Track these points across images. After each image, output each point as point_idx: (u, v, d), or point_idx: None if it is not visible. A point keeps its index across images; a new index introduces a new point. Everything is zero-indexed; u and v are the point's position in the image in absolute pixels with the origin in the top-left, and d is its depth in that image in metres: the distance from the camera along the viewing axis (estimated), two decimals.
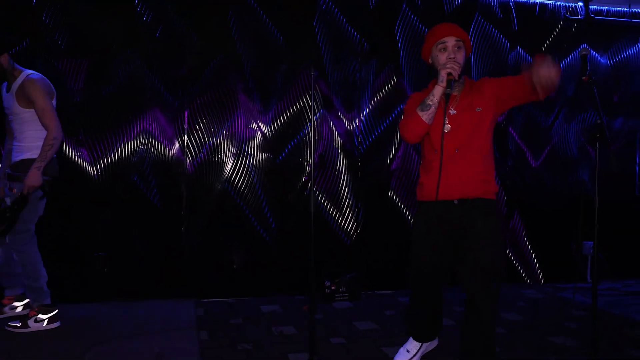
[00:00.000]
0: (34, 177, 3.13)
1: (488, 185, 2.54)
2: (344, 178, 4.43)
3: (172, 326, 3.47)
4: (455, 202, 2.53)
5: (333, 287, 4.18)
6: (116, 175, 4.02)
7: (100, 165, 3.99)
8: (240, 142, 4.22)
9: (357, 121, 4.44)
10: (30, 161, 3.19)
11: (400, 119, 4.50)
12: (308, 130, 4.33)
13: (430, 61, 2.62)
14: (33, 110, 3.20)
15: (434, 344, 2.96)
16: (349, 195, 4.43)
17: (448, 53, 2.49)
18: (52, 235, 3.83)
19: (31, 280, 3.29)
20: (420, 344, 2.85)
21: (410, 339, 2.88)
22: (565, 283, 4.78)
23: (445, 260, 2.59)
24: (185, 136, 4.13)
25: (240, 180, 4.23)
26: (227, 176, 4.20)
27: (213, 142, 4.18)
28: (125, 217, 4.04)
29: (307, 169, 4.34)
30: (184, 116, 4.12)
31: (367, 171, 4.47)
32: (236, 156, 4.21)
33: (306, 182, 4.34)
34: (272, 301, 4.14)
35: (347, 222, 4.44)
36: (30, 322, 3.27)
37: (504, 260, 2.28)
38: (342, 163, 4.42)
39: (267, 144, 4.28)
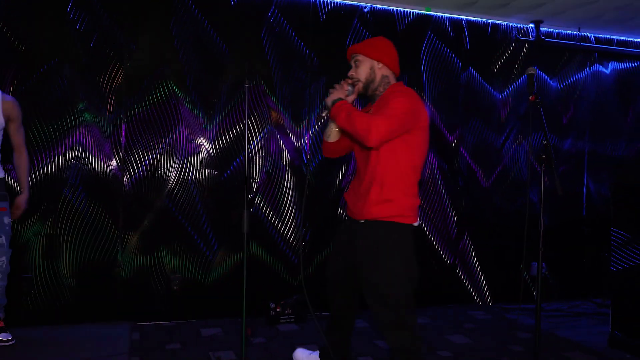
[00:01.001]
0: None
1: (385, 206, 2.49)
2: (291, 195, 4.30)
3: (103, 352, 3.27)
4: (362, 221, 2.56)
5: (278, 309, 4.04)
6: (46, 190, 3.78)
7: (30, 181, 3.74)
8: (183, 158, 4.05)
9: (306, 138, 4.33)
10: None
11: None
12: (254, 147, 4.19)
13: None
14: None
15: None
16: (295, 214, 4.31)
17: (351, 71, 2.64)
18: None
19: None
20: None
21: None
22: (513, 304, 4.76)
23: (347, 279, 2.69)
24: (122, 151, 3.92)
25: (182, 198, 4.05)
26: (168, 193, 4.02)
27: (153, 157, 3.99)
28: (55, 235, 3.80)
29: (254, 185, 4.20)
30: (121, 129, 3.92)
31: (316, 189, 4.35)
32: (178, 172, 4.04)
33: (253, 199, 4.19)
34: (214, 324, 3.96)
35: (295, 241, 4.31)
36: None
37: (400, 286, 2.44)
38: (290, 180, 4.30)
39: (211, 160, 4.12)
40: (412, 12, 4.60)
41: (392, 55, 2.61)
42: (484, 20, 4.84)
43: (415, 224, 2.56)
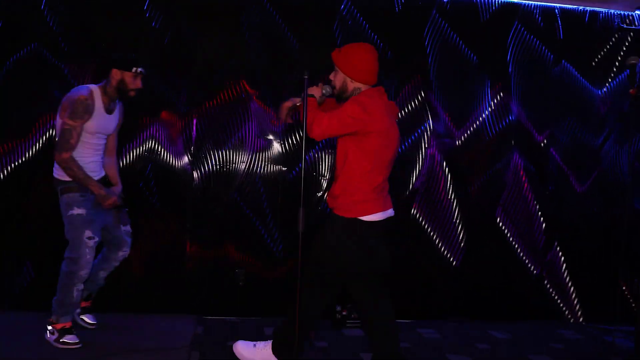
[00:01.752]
0: None
1: (339, 200, 2.78)
2: None
3: (165, 343, 3.30)
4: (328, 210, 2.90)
5: (344, 313, 3.88)
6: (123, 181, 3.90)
7: None
8: (252, 153, 4.02)
9: None
10: None
11: (427, 134, 4.19)
12: (324, 143, 4.08)
13: None
14: None
15: None
16: None
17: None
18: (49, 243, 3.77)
19: None
20: None
21: None
22: (608, 323, 4.25)
23: None
24: (193, 145, 3.96)
25: (250, 194, 4.02)
26: (236, 188, 4.00)
27: (223, 152, 3.99)
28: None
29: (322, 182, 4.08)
30: (192, 124, 3.96)
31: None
32: (247, 167, 4.01)
33: (321, 197, 4.07)
34: (277, 323, 3.88)
35: None
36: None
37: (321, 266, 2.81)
38: None
39: (280, 156, 4.05)
40: (498, 1, 4.27)
41: (364, 70, 2.77)
42: (581, 7, 4.38)
43: (368, 217, 2.74)
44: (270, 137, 4.04)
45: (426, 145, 4.18)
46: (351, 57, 2.76)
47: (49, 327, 3.18)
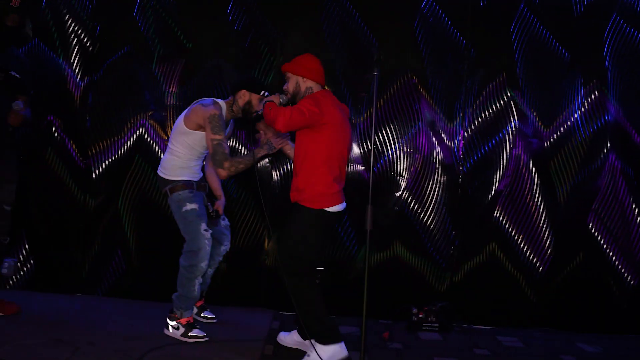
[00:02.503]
0: None
1: (298, 193, 3.02)
2: (442, 195, 4.03)
3: (240, 336, 3.40)
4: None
5: (421, 315, 3.81)
6: None
7: None
8: None
9: (460, 135, 4.02)
10: None
11: (511, 134, 4.00)
12: (403, 143, 4.01)
13: None
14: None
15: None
16: (446, 215, 4.02)
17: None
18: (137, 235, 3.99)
19: None
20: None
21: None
22: None
23: None
24: None
25: None
26: None
27: None
28: None
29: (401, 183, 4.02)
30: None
31: (469, 190, 4.02)
32: None
33: (399, 197, 4.01)
34: (352, 323, 3.87)
35: (443, 243, 4.03)
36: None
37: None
38: (440, 179, 4.03)
39: (357, 156, 4.04)
40: None
41: (313, 69, 3.08)
42: None
43: (331, 209, 3.02)
44: None
45: (511, 146, 4.00)
46: (300, 60, 3.09)
47: (172, 323, 3.30)
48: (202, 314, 3.62)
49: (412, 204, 4.03)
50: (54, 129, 4.08)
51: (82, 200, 4.09)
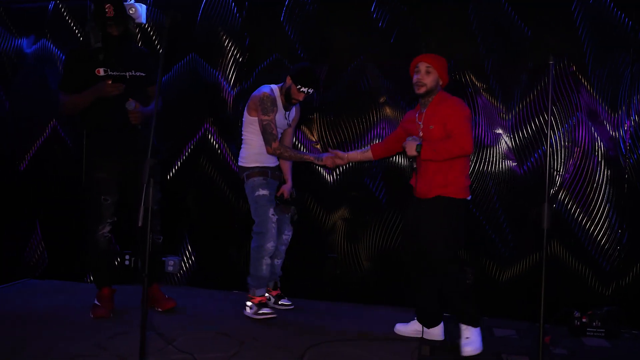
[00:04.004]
0: None
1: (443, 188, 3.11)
2: (605, 191, 3.73)
3: (396, 335, 3.38)
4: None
5: (584, 320, 3.55)
6: (351, 179, 4.13)
7: (337, 171, 4.13)
8: (480, 149, 3.89)
9: (626, 125, 3.70)
10: None
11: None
12: (559, 136, 3.77)
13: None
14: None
15: (436, 333, 3.33)
16: (611, 213, 3.72)
17: (418, 75, 3.14)
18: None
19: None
20: (419, 324, 3.32)
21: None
22: None
23: None
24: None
25: (477, 190, 3.90)
26: None
27: None
28: (356, 220, 4.10)
29: (559, 171, 3.78)
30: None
31: (638, 185, 3.68)
32: (474, 164, 3.90)
33: (555, 194, 3.78)
34: (507, 325, 3.71)
35: (608, 244, 3.73)
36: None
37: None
38: (603, 174, 3.73)
39: (509, 151, 3.86)
40: None
41: (447, 75, 3.21)
42: None
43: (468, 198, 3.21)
44: (500, 131, 3.88)
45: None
46: (443, 61, 3.17)
47: (248, 303, 3.59)
48: (279, 302, 3.81)
49: (571, 202, 3.78)
50: (209, 136, 4.35)
51: (235, 203, 4.31)
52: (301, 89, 3.47)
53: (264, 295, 3.65)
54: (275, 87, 3.59)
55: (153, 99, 3.57)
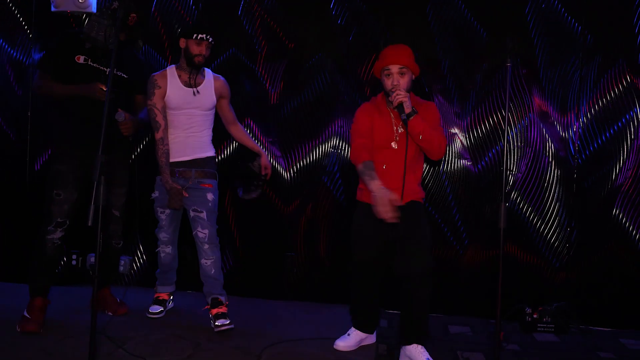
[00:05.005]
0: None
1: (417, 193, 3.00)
2: (555, 191, 3.84)
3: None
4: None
5: (535, 316, 3.65)
6: (307, 177, 4.09)
7: (294, 168, 4.08)
8: None
9: (575, 127, 3.82)
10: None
11: (633, 123, 3.75)
12: (512, 137, 3.86)
13: (379, 78, 2.96)
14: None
15: (371, 339, 3.22)
16: (560, 211, 3.84)
17: (392, 79, 2.85)
18: (246, 234, 4.07)
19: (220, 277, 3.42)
20: (361, 332, 3.15)
21: (352, 327, 3.19)
22: None
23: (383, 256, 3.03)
24: None
25: (432, 189, 3.95)
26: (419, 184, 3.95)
27: None
28: (314, 218, 4.08)
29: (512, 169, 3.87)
30: None
31: (585, 185, 3.81)
32: (429, 163, 3.94)
33: (508, 194, 3.86)
34: (461, 322, 3.78)
35: (558, 241, 3.84)
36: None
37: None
38: (553, 173, 3.84)
39: (464, 151, 3.92)
40: None
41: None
42: None
43: None
44: (455, 130, 3.94)
45: (632, 137, 3.75)
46: (412, 55, 2.92)
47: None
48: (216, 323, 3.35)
49: (523, 200, 3.87)
50: None
51: None
52: (198, 37, 3.19)
53: (163, 293, 3.63)
54: (170, 67, 3.33)
55: (141, 109, 3.47)
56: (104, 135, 2.32)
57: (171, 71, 3.30)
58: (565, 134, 3.83)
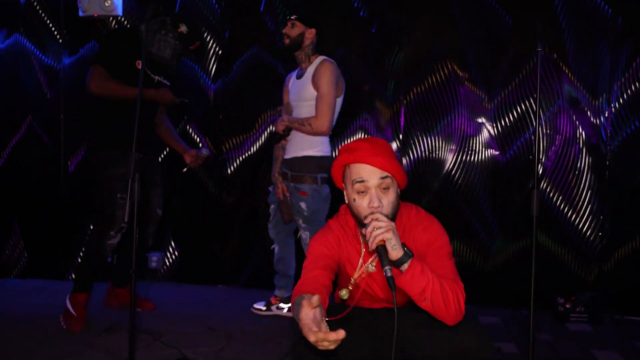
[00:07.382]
0: None
1: None
2: (586, 179, 3.77)
3: None
4: None
5: (567, 305, 3.60)
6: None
7: None
8: (462, 139, 3.91)
9: (606, 113, 3.74)
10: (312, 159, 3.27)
11: None
12: (542, 124, 3.80)
13: (344, 191, 1.86)
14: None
15: None
16: (592, 200, 3.77)
17: (370, 199, 1.74)
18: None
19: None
20: None
21: None
22: None
23: None
24: (402, 133, 3.98)
25: (460, 180, 3.92)
26: (446, 175, 3.93)
27: (431, 139, 3.94)
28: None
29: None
30: (400, 111, 3.97)
31: (618, 172, 3.73)
32: (456, 153, 3.91)
33: (537, 182, 3.81)
34: (492, 313, 3.75)
35: (590, 230, 3.78)
36: (273, 307, 3.55)
37: None
38: (585, 161, 3.77)
39: (492, 140, 3.88)
40: None
41: None
42: None
43: None
44: (482, 120, 3.90)
45: None
46: None
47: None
48: None
49: (553, 189, 3.82)
50: (190, 130, 4.29)
51: (219, 197, 4.27)
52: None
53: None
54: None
55: (163, 115, 3.61)
56: (137, 132, 2.42)
57: None
58: (596, 120, 3.75)
